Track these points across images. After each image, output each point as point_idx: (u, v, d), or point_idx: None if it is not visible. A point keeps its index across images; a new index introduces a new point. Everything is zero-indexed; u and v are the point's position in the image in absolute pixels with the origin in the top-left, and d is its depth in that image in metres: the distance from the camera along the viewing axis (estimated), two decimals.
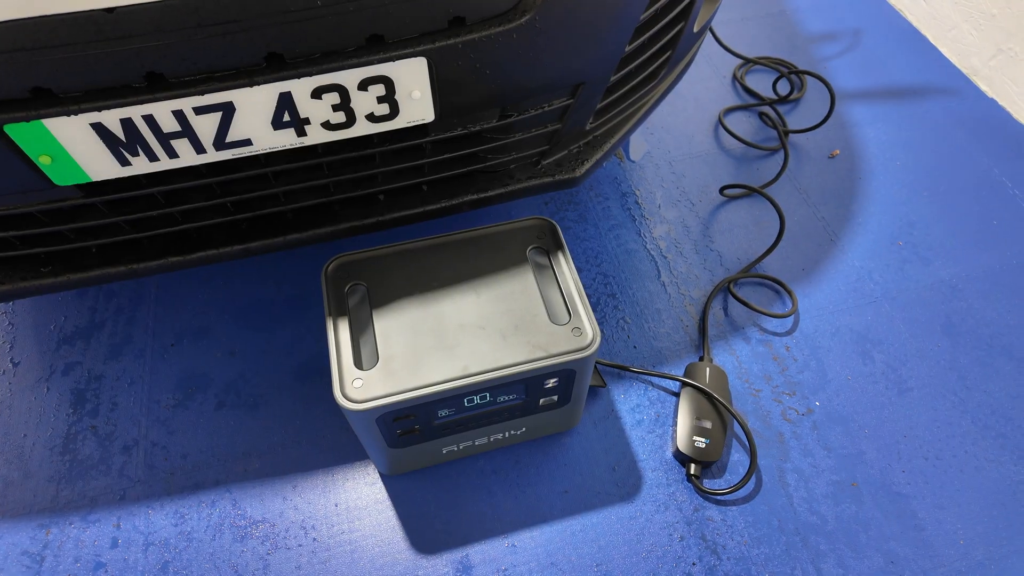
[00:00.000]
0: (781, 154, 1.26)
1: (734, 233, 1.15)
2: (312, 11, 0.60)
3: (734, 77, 1.41)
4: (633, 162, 1.25)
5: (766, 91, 1.38)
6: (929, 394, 0.96)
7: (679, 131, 1.30)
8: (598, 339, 0.72)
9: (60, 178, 0.66)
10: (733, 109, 1.34)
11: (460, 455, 0.88)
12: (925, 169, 1.25)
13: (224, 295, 1.05)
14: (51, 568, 0.82)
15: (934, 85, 1.40)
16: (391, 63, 0.65)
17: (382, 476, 0.89)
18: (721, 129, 1.31)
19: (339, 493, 0.88)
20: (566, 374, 0.75)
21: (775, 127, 1.28)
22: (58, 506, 0.86)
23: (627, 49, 0.78)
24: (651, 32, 0.81)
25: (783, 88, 1.37)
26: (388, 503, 0.87)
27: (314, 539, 0.84)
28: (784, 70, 1.39)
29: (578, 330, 0.73)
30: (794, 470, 0.89)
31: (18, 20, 0.53)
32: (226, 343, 1.00)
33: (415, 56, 0.66)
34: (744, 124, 1.32)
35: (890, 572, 0.81)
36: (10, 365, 0.99)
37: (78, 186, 0.70)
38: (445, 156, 0.82)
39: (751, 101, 1.36)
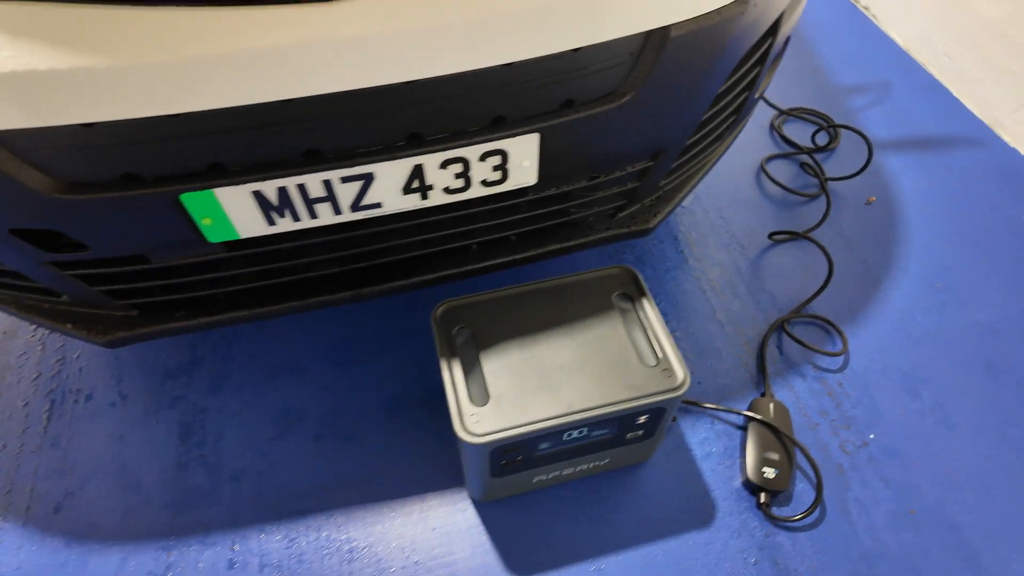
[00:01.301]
0: (820, 200, 1.36)
1: (783, 275, 1.23)
2: (451, 99, 0.69)
3: (771, 126, 1.51)
4: (683, 207, 1.34)
5: (802, 140, 1.47)
6: (975, 429, 1.03)
7: (725, 177, 1.40)
8: (688, 380, 0.80)
9: (214, 236, 0.75)
10: (773, 157, 1.43)
11: (548, 484, 0.95)
12: (956, 215, 1.33)
13: (313, 335, 1.14)
14: None
15: (960, 136, 1.50)
16: (510, 139, 0.75)
17: (473, 502, 0.96)
18: (763, 175, 1.40)
19: (434, 518, 0.95)
20: (657, 412, 0.82)
21: (816, 175, 1.38)
22: (176, 530, 0.93)
23: (703, 117, 0.88)
24: (725, 101, 0.90)
25: (821, 139, 1.47)
26: (481, 527, 0.94)
27: (416, 562, 0.91)
28: (822, 123, 1.49)
29: (668, 371, 0.81)
30: (855, 500, 0.96)
31: (208, 111, 0.63)
32: (318, 379, 1.08)
33: (530, 133, 0.75)
34: (784, 171, 1.41)
35: None
36: (119, 399, 1.07)
37: (224, 242, 0.79)
38: (537, 212, 0.91)
39: (789, 150, 1.45)
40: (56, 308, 0.86)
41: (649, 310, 0.87)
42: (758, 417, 1.00)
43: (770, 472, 0.95)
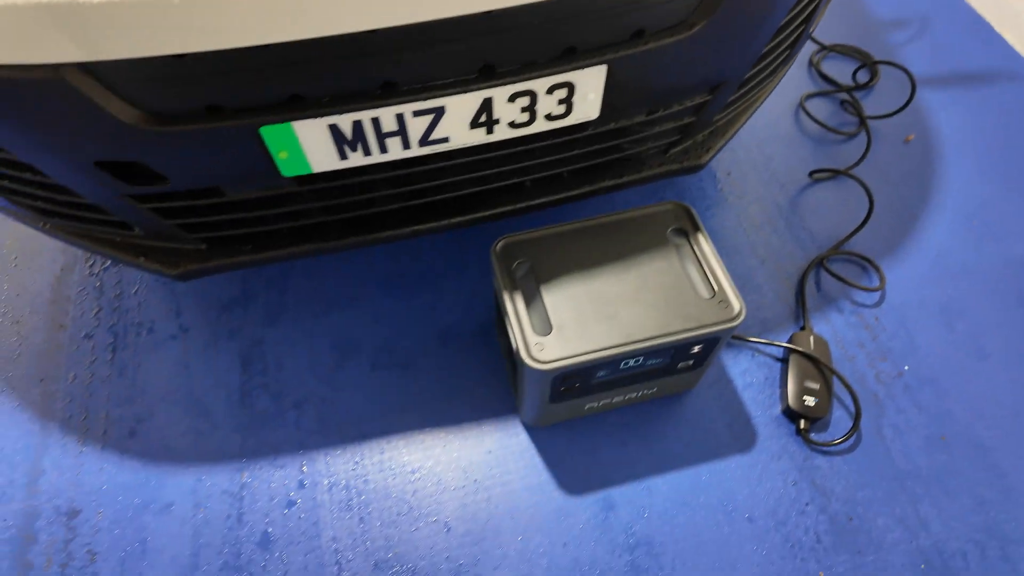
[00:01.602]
0: (858, 138, 1.35)
1: (821, 212, 1.25)
2: (525, 29, 0.69)
3: (810, 63, 1.49)
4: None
5: (840, 76, 1.46)
6: (1007, 360, 1.07)
7: (763, 115, 1.39)
8: (744, 311, 0.83)
9: (288, 170, 0.77)
10: (813, 95, 1.42)
11: (598, 410, 1.00)
12: (994, 151, 1.34)
13: (364, 269, 1.16)
14: (250, 506, 0.95)
15: (1001, 71, 1.48)
16: (578, 71, 0.75)
17: (525, 427, 1.01)
18: (801, 113, 1.40)
19: (489, 441, 1.00)
20: (711, 342, 0.86)
21: (856, 113, 1.37)
22: (247, 452, 0.99)
23: (764, 49, 0.88)
24: (785, 33, 0.89)
25: (862, 77, 1.45)
26: (534, 451, 0.99)
27: (475, 480, 0.97)
28: (862, 60, 1.47)
29: (724, 303, 0.84)
30: (890, 425, 1.01)
31: (294, 42, 0.63)
32: (372, 311, 1.12)
33: (598, 64, 0.75)
34: (822, 109, 1.41)
35: (979, 512, 0.94)
36: (180, 331, 1.10)
37: (295, 177, 0.80)
38: (593, 148, 0.92)
39: (828, 87, 1.44)
40: (128, 242, 0.88)
41: (704, 244, 0.90)
42: (799, 349, 1.04)
43: (810, 400, 1.00)
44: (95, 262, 1.17)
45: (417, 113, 0.74)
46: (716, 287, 0.86)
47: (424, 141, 0.78)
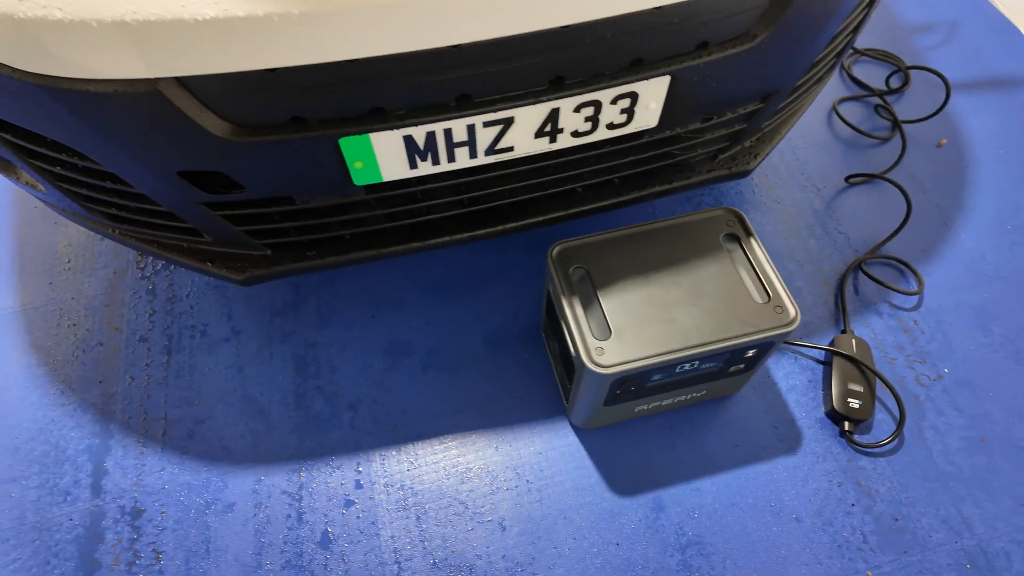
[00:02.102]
0: (892, 143, 1.37)
1: (857, 216, 1.26)
2: (596, 42, 0.71)
3: (841, 67, 1.51)
4: None
5: (871, 80, 1.47)
6: None
7: (799, 120, 1.41)
8: (799, 317, 0.85)
9: (360, 179, 0.79)
10: (845, 99, 1.44)
11: (647, 413, 1.02)
12: None
13: (412, 273, 1.18)
14: (308, 505, 0.97)
15: None
16: (643, 81, 0.77)
17: (574, 429, 1.03)
18: (834, 117, 1.41)
19: (540, 443, 1.02)
20: (765, 346, 0.88)
21: (891, 118, 1.39)
22: (303, 454, 1.01)
23: (816, 59, 0.89)
24: (835, 42, 0.91)
25: (895, 82, 1.47)
26: (583, 452, 1.01)
27: (527, 480, 0.99)
28: (894, 65, 1.49)
29: (780, 308, 0.86)
30: (931, 427, 1.03)
31: (378, 57, 0.65)
32: (420, 314, 1.14)
33: (663, 75, 0.77)
34: (855, 113, 1.42)
35: (1020, 512, 0.96)
36: (233, 334, 1.13)
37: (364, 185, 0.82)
38: (646, 155, 0.93)
39: (860, 92, 1.46)
40: (195, 248, 0.90)
41: (757, 249, 0.92)
42: (843, 352, 1.06)
43: (854, 402, 1.02)
44: (147, 266, 1.19)
45: (488, 124, 0.76)
46: (771, 292, 0.88)
47: (490, 150, 0.80)
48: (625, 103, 0.80)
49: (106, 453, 1.01)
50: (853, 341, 1.08)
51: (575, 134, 0.82)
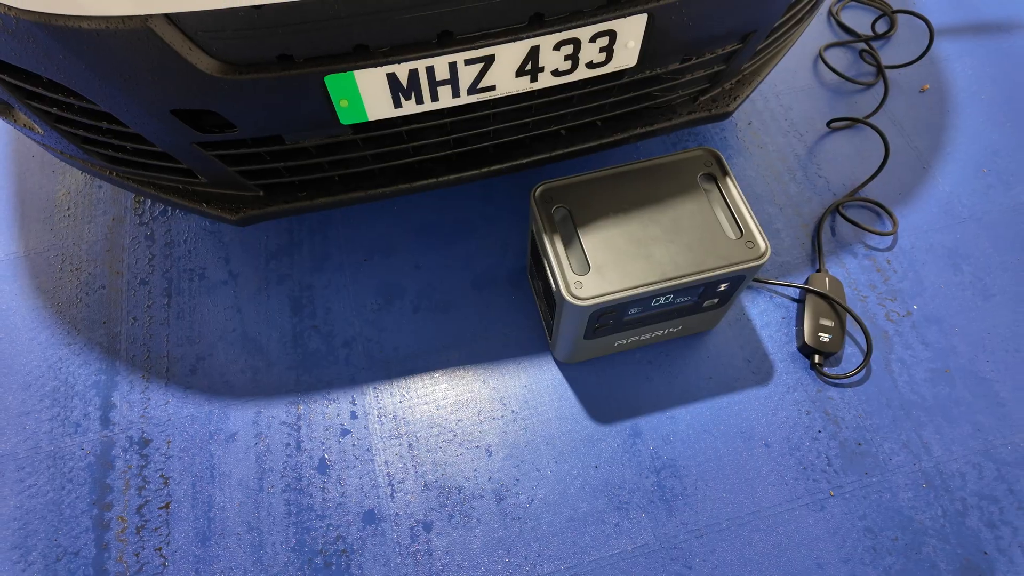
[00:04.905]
0: (876, 88, 1.39)
1: (837, 160, 1.29)
2: None
3: (830, 13, 1.51)
4: None
5: (859, 26, 1.48)
6: (1010, 299, 1.14)
7: (782, 65, 1.42)
8: (769, 251, 0.89)
9: (346, 118, 0.82)
10: (832, 45, 1.45)
11: (626, 348, 1.07)
12: (1009, 101, 1.37)
13: (401, 219, 1.22)
14: (307, 434, 1.03)
15: (1016, 21, 1.50)
16: (622, 19, 0.79)
17: (557, 364, 1.09)
18: (820, 63, 1.43)
19: (525, 377, 1.08)
20: (737, 280, 0.92)
21: (875, 63, 1.40)
22: (301, 388, 1.07)
23: None
24: None
25: (881, 26, 1.48)
26: (566, 385, 1.07)
27: (513, 411, 1.05)
28: (881, 9, 1.49)
29: (751, 243, 0.90)
30: (897, 360, 1.09)
31: None
32: (411, 258, 1.18)
33: (640, 12, 0.79)
34: (841, 59, 1.44)
35: (977, 437, 1.02)
36: (230, 277, 1.17)
37: (350, 125, 0.85)
38: (627, 96, 0.96)
39: (846, 37, 1.47)
40: (192, 189, 0.93)
41: (732, 188, 0.95)
42: (815, 289, 1.10)
43: (824, 337, 1.07)
44: (144, 212, 1.23)
45: (469, 61, 0.78)
46: (743, 228, 0.92)
47: (473, 89, 0.83)
48: (604, 41, 0.82)
49: (113, 388, 1.06)
50: (827, 279, 1.12)
51: (556, 73, 0.84)
